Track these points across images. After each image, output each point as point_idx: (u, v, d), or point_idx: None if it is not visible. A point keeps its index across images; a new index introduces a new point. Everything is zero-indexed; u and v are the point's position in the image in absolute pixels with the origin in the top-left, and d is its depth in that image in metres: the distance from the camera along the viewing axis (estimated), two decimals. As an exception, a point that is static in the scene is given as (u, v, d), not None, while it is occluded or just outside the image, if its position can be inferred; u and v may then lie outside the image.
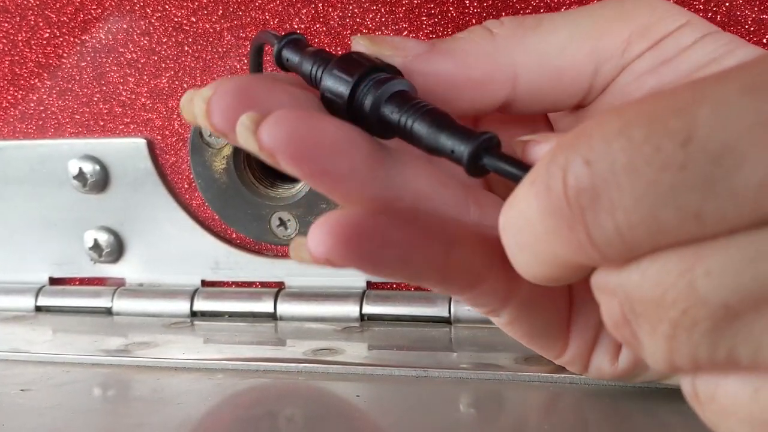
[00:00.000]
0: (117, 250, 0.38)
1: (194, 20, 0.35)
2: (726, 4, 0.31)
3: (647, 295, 0.13)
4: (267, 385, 0.28)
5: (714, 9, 0.31)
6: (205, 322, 0.36)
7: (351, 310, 0.34)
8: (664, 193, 0.12)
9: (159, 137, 0.37)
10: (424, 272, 0.18)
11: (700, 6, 0.31)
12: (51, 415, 0.25)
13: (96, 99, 0.37)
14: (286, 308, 0.35)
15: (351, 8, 0.34)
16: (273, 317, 0.35)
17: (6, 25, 0.37)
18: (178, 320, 0.36)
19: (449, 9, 0.33)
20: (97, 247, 0.38)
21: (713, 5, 0.31)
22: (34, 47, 0.37)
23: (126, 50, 0.36)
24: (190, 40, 0.35)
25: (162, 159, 0.37)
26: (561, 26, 0.20)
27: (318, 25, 0.34)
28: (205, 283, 0.37)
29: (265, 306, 0.35)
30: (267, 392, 0.27)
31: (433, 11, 0.33)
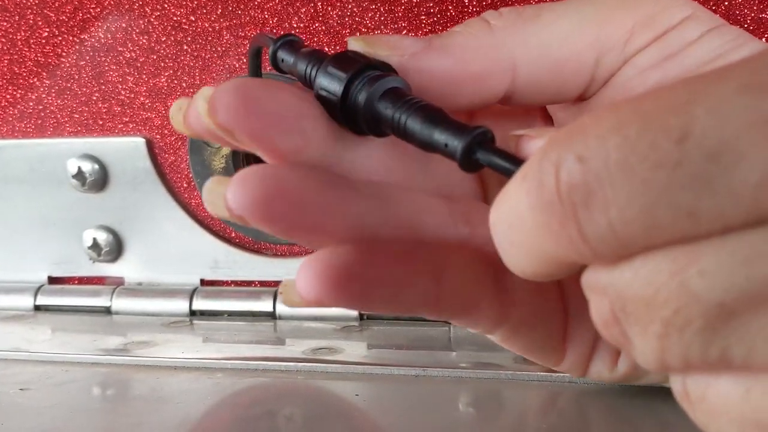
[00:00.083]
0: (116, 250, 0.38)
1: (193, 19, 0.35)
2: (725, 3, 0.31)
3: (639, 293, 0.13)
4: (266, 384, 0.28)
5: (713, 8, 0.31)
6: (204, 321, 0.35)
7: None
8: (659, 190, 0.12)
9: (158, 136, 0.37)
10: (416, 305, 0.18)
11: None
12: (50, 414, 0.25)
13: (95, 98, 0.37)
14: (285, 307, 0.35)
15: (350, 7, 0.33)
16: (272, 316, 0.35)
17: (5, 24, 0.37)
18: (177, 319, 0.36)
19: (448, 7, 0.33)
20: (96, 246, 0.38)
21: (712, 5, 0.31)
22: (33, 46, 0.37)
23: (125, 49, 0.36)
24: (189, 39, 0.35)
25: (161, 158, 0.37)
26: (561, 16, 0.20)
27: (317, 23, 0.34)
28: (204, 282, 0.37)
29: (264, 305, 0.35)
30: (266, 391, 0.27)
31: (432, 10, 0.33)
